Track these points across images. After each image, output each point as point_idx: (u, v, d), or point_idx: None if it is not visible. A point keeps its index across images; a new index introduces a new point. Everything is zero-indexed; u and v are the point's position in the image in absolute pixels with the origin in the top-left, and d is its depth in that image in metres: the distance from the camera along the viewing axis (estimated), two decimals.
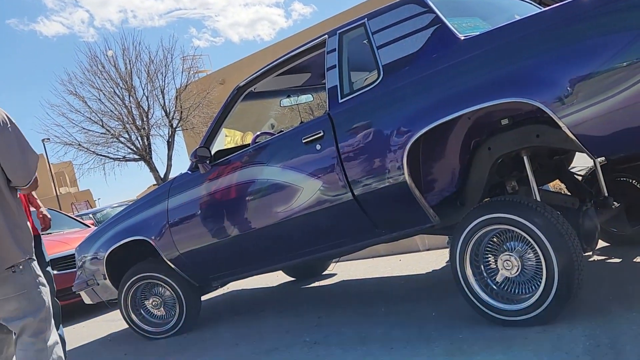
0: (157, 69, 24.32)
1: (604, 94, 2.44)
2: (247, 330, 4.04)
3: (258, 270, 4.11)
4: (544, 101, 2.56)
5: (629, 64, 2.38)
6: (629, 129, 2.47)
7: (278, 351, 3.36)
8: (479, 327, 2.91)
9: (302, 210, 3.52)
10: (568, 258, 2.60)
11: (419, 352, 2.78)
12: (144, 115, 24.16)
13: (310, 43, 3.69)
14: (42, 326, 2.55)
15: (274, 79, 4.11)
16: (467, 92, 2.80)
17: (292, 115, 5.51)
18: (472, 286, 2.91)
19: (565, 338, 2.51)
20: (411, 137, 2.98)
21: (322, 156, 3.38)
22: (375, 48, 3.25)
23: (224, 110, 4.08)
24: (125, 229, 4.49)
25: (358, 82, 3.47)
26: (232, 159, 3.91)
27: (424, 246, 5.59)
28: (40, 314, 2.56)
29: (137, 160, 24.51)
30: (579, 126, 2.51)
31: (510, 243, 2.82)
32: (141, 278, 4.45)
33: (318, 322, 3.80)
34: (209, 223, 4.01)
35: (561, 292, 2.62)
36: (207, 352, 3.71)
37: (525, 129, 2.93)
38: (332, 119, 3.35)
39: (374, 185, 3.19)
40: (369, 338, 3.19)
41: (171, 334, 4.39)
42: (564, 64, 2.54)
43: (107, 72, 23.91)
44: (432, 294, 3.81)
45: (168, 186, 4.35)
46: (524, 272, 2.78)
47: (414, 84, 3.04)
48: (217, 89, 25.09)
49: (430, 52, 3.03)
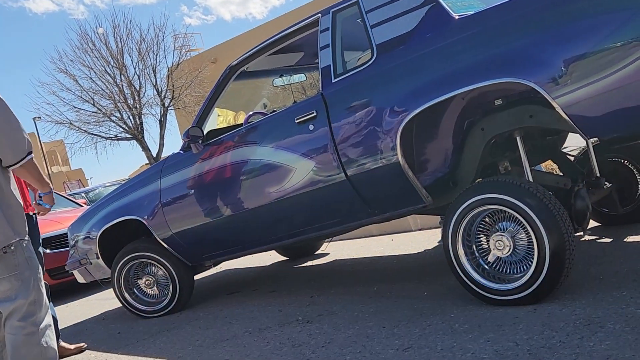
0: (148, 47, 24.17)
1: (597, 75, 2.44)
2: (240, 310, 4.06)
3: (251, 250, 4.12)
4: (537, 81, 2.56)
5: (623, 44, 2.37)
6: (622, 110, 2.47)
7: (271, 330, 3.38)
8: (471, 306, 2.94)
9: (295, 191, 3.52)
10: (559, 238, 2.62)
11: (411, 331, 2.80)
12: (136, 94, 24.03)
13: (303, 22, 3.66)
14: (32, 309, 2.54)
15: (267, 58, 4.08)
16: (461, 72, 2.80)
17: (285, 95, 5.48)
18: (464, 266, 2.93)
19: (556, 317, 2.53)
20: (405, 118, 2.97)
21: (315, 136, 3.37)
22: (369, 27, 3.22)
23: (216, 89, 4.06)
24: (118, 208, 4.48)
25: (351, 62, 3.45)
26: (225, 139, 3.89)
27: (416, 226, 5.61)
28: (31, 296, 2.54)
29: (129, 139, 24.43)
30: (572, 106, 2.52)
31: (502, 223, 2.83)
32: (134, 257, 4.45)
33: (311, 301, 3.82)
34: (201, 203, 4.01)
35: (552, 271, 2.63)
36: (200, 331, 3.73)
37: (519, 109, 2.93)
38: (325, 99, 3.34)
39: (367, 166, 3.19)
40: (361, 317, 3.22)
41: (164, 313, 4.41)
42: (558, 44, 2.53)
43: (98, 50, 23.75)
44: (424, 274, 3.83)
45: (160, 166, 4.33)
46: (516, 252, 2.79)
47: (408, 64, 3.03)
48: (209, 67, 24.94)
49: (425, 32, 3.01)
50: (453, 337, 2.59)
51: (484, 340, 2.48)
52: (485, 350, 2.38)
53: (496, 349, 2.35)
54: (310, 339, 3.05)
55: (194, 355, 3.27)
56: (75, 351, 3.93)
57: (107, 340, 4.14)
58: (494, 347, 2.38)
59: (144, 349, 3.64)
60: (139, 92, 24.09)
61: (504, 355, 2.29)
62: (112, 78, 23.86)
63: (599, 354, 2.10)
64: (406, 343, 2.66)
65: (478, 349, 2.40)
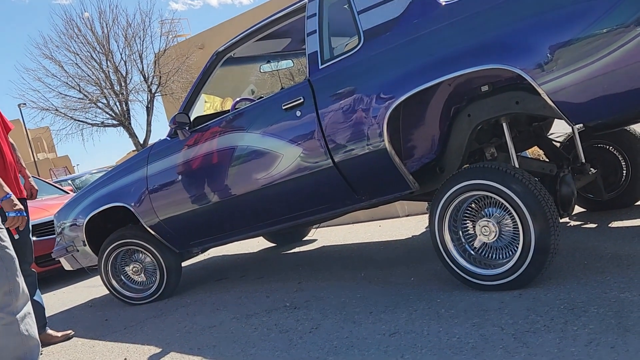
0: (135, 32, 23.97)
1: (583, 61, 2.45)
2: (228, 296, 4.06)
3: (238, 236, 4.12)
4: (523, 68, 2.57)
5: (609, 31, 2.38)
6: (607, 96, 2.49)
7: (258, 316, 3.39)
8: (457, 291, 2.96)
9: (282, 177, 3.52)
10: (544, 224, 2.64)
11: (398, 316, 2.82)
12: (122, 80, 23.85)
13: (291, 7, 3.64)
14: (7, 299, 2.51)
15: (254, 44, 4.06)
16: (448, 59, 2.80)
17: (272, 81, 5.47)
18: (451, 251, 2.95)
19: (541, 302, 2.56)
20: (392, 104, 2.98)
21: (302, 123, 3.37)
22: (356, 13, 3.21)
23: (203, 75, 4.04)
24: (105, 195, 4.46)
25: (339, 48, 3.44)
26: (212, 125, 3.88)
27: (403, 212, 5.63)
28: (5, 286, 2.51)
29: (115, 126, 24.28)
30: (558, 93, 2.53)
31: (488, 209, 2.85)
32: (121, 244, 4.44)
33: (298, 287, 3.83)
34: (188, 189, 4.00)
35: (537, 257, 2.66)
36: (188, 318, 3.73)
37: (505, 95, 2.94)
38: (313, 85, 3.33)
39: (354, 152, 3.19)
40: (348, 303, 3.23)
41: (152, 300, 4.41)
42: (544, 30, 2.54)
43: (84, 35, 23.53)
44: (411, 260, 3.85)
45: (147, 153, 4.31)
46: (502, 238, 2.82)
47: (395, 50, 3.02)
48: (197, 53, 24.79)
49: (412, 18, 3.01)
50: (439, 322, 2.62)
51: (470, 324, 2.50)
52: (471, 334, 2.40)
53: (482, 334, 2.38)
54: (297, 325, 3.07)
55: (181, 341, 3.28)
56: (63, 338, 3.93)
57: (95, 327, 4.14)
58: (479, 332, 2.40)
59: (132, 336, 3.64)
60: (126, 78, 23.92)
61: (490, 339, 2.31)
62: (99, 64, 23.66)
63: (583, 338, 2.13)
64: (393, 328, 2.68)
65: (464, 334, 2.42)
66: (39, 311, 3.73)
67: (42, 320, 3.83)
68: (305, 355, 2.62)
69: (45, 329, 3.90)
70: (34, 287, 3.78)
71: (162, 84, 24.22)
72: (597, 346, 2.05)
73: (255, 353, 2.81)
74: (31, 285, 3.70)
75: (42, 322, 3.85)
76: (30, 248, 3.82)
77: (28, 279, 3.70)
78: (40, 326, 3.71)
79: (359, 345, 2.58)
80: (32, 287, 3.74)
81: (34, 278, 3.82)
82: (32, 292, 3.69)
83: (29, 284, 3.71)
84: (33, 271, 3.85)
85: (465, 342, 2.34)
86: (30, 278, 3.74)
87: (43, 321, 3.88)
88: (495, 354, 2.18)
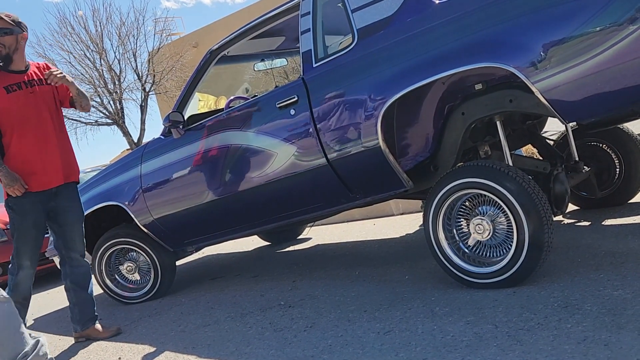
0: (128, 31, 23.82)
1: (576, 59, 2.45)
2: (223, 295, 4.06)
3: (233, 235, 4.11)
4: (517, 66, 2.57)
5: (602, 29, 2.39)
6: (600, 94, 2.49)
7: (253, 315, 3.39)
8: (451, 289, 2.97)
9: (276, 176, 3.51)
10: (538, 222, 2.65)
11: (392, 314, 2.83)
12: (116, 78, 23.74)
13: (284, 6, 3.63)
14: None
15: (248, 42, 4.05)
16: (442, 57, 2.80)
17: (266, 79, 5.46)
18: (445, 250, 2.95)
19: (535, 299, 2.57)
20: (385, 102, 2.98)
21: (296, 121, 3.36)
22: (350, 11, 3.21)
23: (196, 74, 4.03)
24: (99, 194, 4.45)
25: (333, 46, 3.43)
26: (206, 124, 3.87)
27: (398, 210, 5.64)
28: None
29: (109, 124, 24.17)
30: (551, 91, 2.53)
31: (482, 207, 2.85)
32: (115, 243, 4.43)
33: (293, 286, 3.83)
34: (182, 188, 3.99)
35: (531, 255, 2.66)
36: (183, 317, 3.73)
37: (499, 94, 2.94)
38: (307, 84, 3.33)
39: (348, 151, 3.19)
40: (343, 301, 3.23)
41: (146, 299, 4.41)
42: (537, 29, 2.54)
43: (77, 34, 23.37)
44: (406, 258, 3.86)
45: (141, 151, 4.30)
46: (496, 236, 2.82)
47: (389, 48, 3.02)
48: (191, 52, 24.69)
49: (405, 16, 3.01)
50: (433, 320, 2.62)
51: (464, 323, 2.51)
52: (465, 332, 2.40)
53: (476, 332, 2.38)
54: (292, 324, 3.07)
55: (176, 340, 3.28)
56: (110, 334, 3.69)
57: None
58: (473, 330, 2.41)
59: (126, 335, 3.63)
60: (119, 76, 23.79)
61: (484, 337, 2.31)
62: (92, 62, 23.54)
63: (576, 336, 2.14)
64: (387, 326, 2.69)
65: (458, 332, 2.43)
66: (89, 305, 3.68)
67: (90, 314, 3.72)
68: (300, 354, 2.62)
69: (95, 322, 3.72)
70: (87, 279, 3.70)
71: (156, 82, 24.12)
72: (590, 343, 2.05)
73: (250, 352, 2.81)
74: (84, 276, 3.66)
75: (91, 316, 3.76)
76: (80, 236, 3.69)
77: (80, 269, 3.66)
78: (88, 319, 3.67)
79: (353, 344, 2.58)
80: (86, 279, 3.69)
81: (86, 268, 3.73)
82: (85, 284, 3.65)
83: (82, 274, 3.66)
84: (86, 262, 3.75)
85: (460, 340, 2.34)
86: (83, 268, 3.68)
87: (91, 315, 3.74)
88: (489, 352, 2.18)
